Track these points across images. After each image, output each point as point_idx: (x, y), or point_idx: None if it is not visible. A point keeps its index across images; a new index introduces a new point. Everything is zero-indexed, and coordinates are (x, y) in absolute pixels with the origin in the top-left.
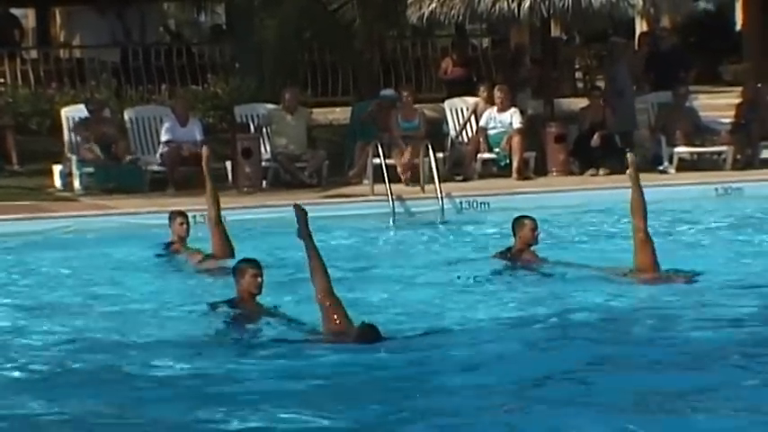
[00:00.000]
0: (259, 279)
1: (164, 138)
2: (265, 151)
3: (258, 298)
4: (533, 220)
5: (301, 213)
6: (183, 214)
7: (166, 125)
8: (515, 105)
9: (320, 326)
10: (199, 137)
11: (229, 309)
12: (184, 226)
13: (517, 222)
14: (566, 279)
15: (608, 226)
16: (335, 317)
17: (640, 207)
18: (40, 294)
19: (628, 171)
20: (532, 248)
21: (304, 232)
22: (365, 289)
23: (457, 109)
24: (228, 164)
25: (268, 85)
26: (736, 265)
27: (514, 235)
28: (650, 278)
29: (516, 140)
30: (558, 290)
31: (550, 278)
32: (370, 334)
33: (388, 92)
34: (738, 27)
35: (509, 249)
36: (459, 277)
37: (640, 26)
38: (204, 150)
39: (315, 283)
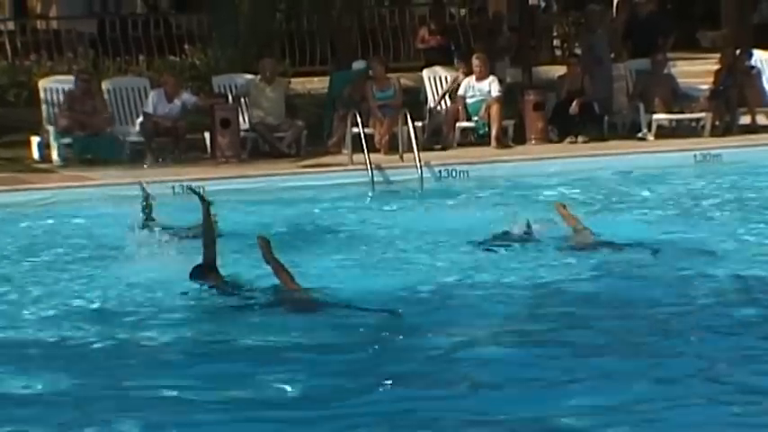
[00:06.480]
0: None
1: (145, 109)
2: (244, 122)
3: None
4: None
5: (263, 243)
6: None
7: (153, 97)
8: (494, 74)
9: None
10: (186, 107)
11: (196, 279)
12: None
13: None
14: (548, 250)
15: (587, 193)
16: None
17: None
18: (19, 266)
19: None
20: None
21: (268, 257)
22: (344, 258)
23: (435, 78)
24: (207, 134)
25: (245, 54)
26: (717, 232)
27: None
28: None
29: (495, 109)
30: (539, 260)
31: (529, 248)
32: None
33: (359, 64)
34: None
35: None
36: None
37: None
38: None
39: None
